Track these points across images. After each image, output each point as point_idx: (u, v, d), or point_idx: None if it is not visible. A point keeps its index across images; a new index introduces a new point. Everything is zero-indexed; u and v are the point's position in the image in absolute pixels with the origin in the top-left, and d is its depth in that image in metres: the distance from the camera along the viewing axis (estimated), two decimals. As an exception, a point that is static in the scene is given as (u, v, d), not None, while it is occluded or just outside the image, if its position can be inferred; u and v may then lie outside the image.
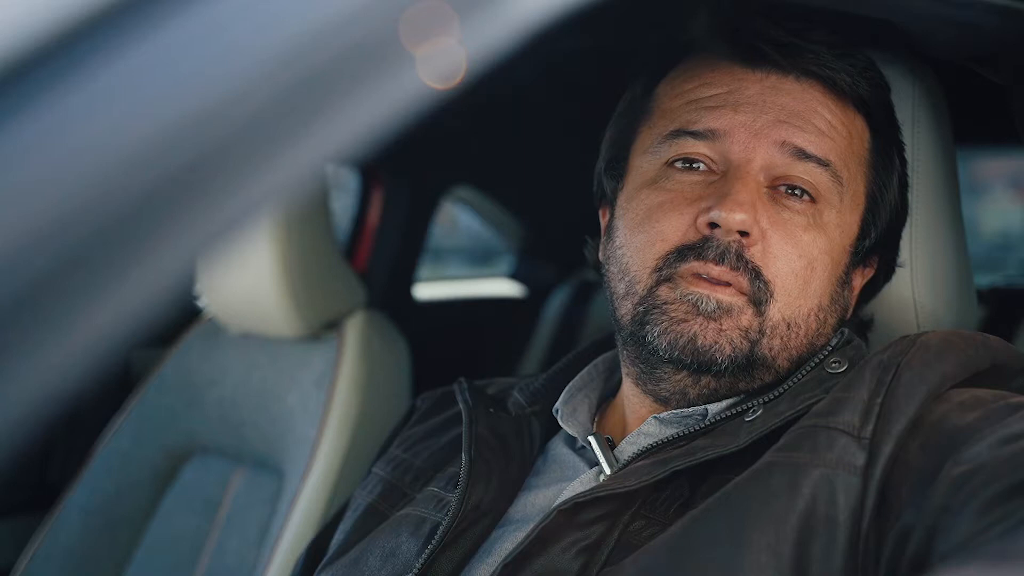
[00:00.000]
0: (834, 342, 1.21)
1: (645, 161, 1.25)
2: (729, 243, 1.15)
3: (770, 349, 1.19)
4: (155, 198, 0.55)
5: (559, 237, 3.30)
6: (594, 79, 1.40)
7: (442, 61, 0.63)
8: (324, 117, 0.60)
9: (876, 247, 1.28)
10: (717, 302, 1.16)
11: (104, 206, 0.54)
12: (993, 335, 1.17)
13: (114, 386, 2.38)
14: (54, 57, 0.56)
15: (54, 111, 0.55)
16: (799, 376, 1.18)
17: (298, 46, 0.60)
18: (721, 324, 1.16)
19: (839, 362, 1.17)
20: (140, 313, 0.56)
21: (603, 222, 1.36)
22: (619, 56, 1.45)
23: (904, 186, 1.31)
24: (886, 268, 1.32)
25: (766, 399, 1.15)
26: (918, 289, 1.34)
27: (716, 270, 1.15)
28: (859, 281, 1.29)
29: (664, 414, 1.22)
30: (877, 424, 1.03)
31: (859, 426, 1.03)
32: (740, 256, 1.16)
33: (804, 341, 1.21)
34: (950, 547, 0.89)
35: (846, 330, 1.23)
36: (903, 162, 1.31)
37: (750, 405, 1.15)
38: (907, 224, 1.33)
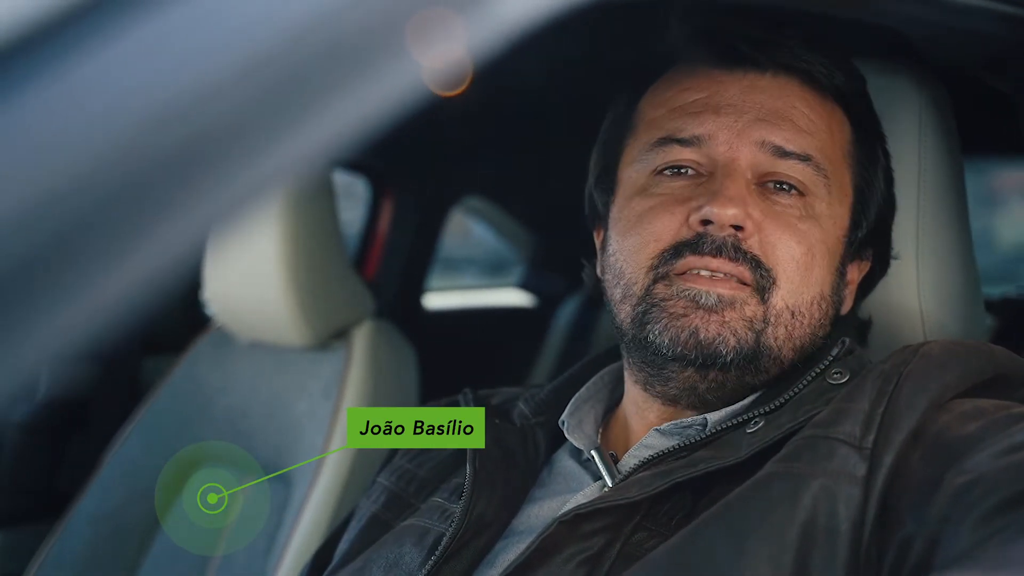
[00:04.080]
0: (835, 352, 1.20)
1: (634, 171, 1.26)
2: (724, 237, 1.16)
3: (775, 338, 1.18)
4: (154, 175, 0.56)
5: (569, 248, 3.29)
6: (602, 90, 1.41)
7: (447, 66, 0.63)
8: (320, 105, 0.60)
9: (869, 239, 1.28)
10: (718, 296, 1.16)
11: (100, 181, 0.55)
12: (1004, 345, 1.16)
13: (124, 394, 2.39)
14: (55, 33, 0.56)
15: (55, 85, 0.56)
16: (800, 386, 1.17)
17: (297, 32, 0.60)
18: (723, 316, 1.16)
19: (841, 372, 1.16)
20: (138, 295, 0.56)
21: (598, 242, 1.36)
22: (625, 67, 1.45)
23: (889, 180, 1.32)
24: (881, 262, 1.32)
25: (767, 410, 1.14)
26: (924, 299, 1.34)
27: (715, 262, 1.16)
28: (855, 275, 1.29)
29: (664, 425, 1.22)
30: (878, 434, 1.02)
31: (860, 436, 1.03)
32: (737, 248, 1.16)
33: (808, 331, 1.21)
34: (950, 557, 0.89)
35: (847, 340, 1.22)
36: (886, 155, 1.32)
37: (751, 416, 1.15)
38: (914, 233, 1.33)
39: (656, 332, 1.18)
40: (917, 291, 1.34)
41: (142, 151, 0.55)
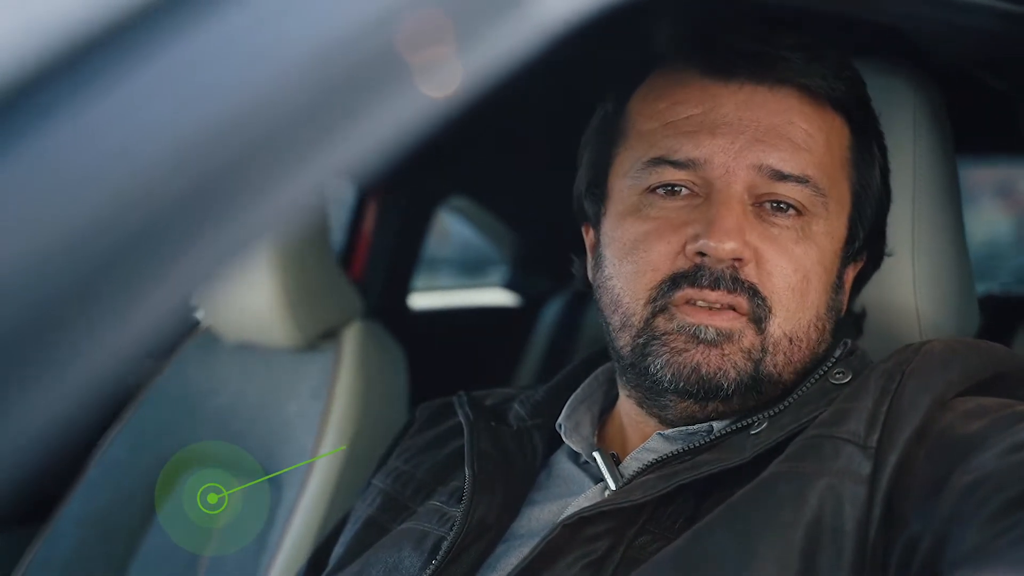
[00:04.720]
0: (838, 353, 1.20)
1: (625, 187, 1.23)
2: (722, 269, 1.14)
3: (774, 365, 1.18)
4: (164, 217, 0.55)
5: (554, 247, 3.28)
6: (588, 90, 1.40)
7: (440, 71, 0.63)
8: (334, 134, 0.59)
9: (865, 243, 1.27)
10: (716, 330, 1.15)
11: (114, 225, 0.54)
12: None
13: (111, 396, 2.36)
14: (70, 69, 0.55)
15: (64, 128, 0.55)
16: (804, 388, 1.17)
17: (310, 62, 0.59)
18: (723, 349, 1.15)
19: (843, 372, 1.16)
20: (147, 335, 0.55)
21: (587, 240, 1.34)
22: (614, 66, 1.45)
23: (886, 174, 1.30)
24: (875, 258, 1.31)
25: (770, 412, 1.14)
26: (920, 297, 1.34)
27: (713, 295, 1.14)
28: (851, 275, 1.28)
29: (669, 431, 1.21)
30: (883, 433, 1.02)
31: (864, 435, 1.03)
32: (735, 278, 1.14)
33: (807, 352, 1.20)
34: (959, 555, 0.89)
35: (849, 341, 1.22)
36: (883, 150, 1.30)
37: (755, 419, 1.15)
38: (910, 233, 1.33)
39: (658, 366, 1.17)
40: (913, 289, 1.34)
41: (162, 189, 0.54)
